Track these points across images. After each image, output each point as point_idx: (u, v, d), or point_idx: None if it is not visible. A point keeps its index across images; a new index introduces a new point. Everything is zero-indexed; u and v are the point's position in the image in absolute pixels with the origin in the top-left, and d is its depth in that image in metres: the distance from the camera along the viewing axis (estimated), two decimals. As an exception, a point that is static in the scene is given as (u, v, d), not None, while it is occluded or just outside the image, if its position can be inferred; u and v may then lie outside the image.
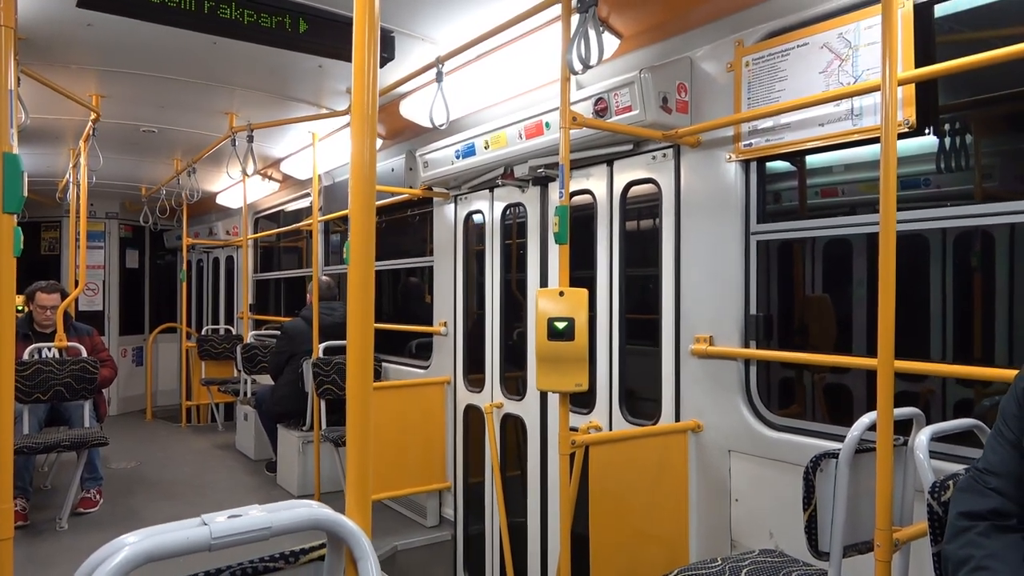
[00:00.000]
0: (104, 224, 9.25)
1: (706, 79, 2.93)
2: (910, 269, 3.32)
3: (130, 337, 9.53)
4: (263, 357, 6.75)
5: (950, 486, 1.69)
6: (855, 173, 3.27)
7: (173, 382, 9.54)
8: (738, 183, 2.81)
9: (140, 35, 3.47)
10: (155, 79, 4.28)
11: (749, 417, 2.78)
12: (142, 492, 5.37)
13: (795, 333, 3.29)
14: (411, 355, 5.38)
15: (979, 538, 1.51)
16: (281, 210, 7.63)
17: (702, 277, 2.95)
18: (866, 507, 1.97)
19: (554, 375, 2.56)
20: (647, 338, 3.26)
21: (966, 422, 1.97)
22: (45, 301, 5.07)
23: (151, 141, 5.85)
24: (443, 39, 3.53)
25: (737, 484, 2.83)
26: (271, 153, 6.18)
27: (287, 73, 4.22)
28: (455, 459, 4.56)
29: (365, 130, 1.34)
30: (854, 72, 2.42)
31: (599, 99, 3.04)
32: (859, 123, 2.42)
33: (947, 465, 2.06)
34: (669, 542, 2.88)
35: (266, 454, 6.13)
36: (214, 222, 9.00)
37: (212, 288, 9.52)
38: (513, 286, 4.22)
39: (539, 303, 2.59)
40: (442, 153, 4.14)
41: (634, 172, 3.26)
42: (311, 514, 1.06)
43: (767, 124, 2.70)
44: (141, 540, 0.95)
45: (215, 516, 1.03)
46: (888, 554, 1.84)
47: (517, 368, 4.13)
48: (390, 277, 6.06)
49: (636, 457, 2.83)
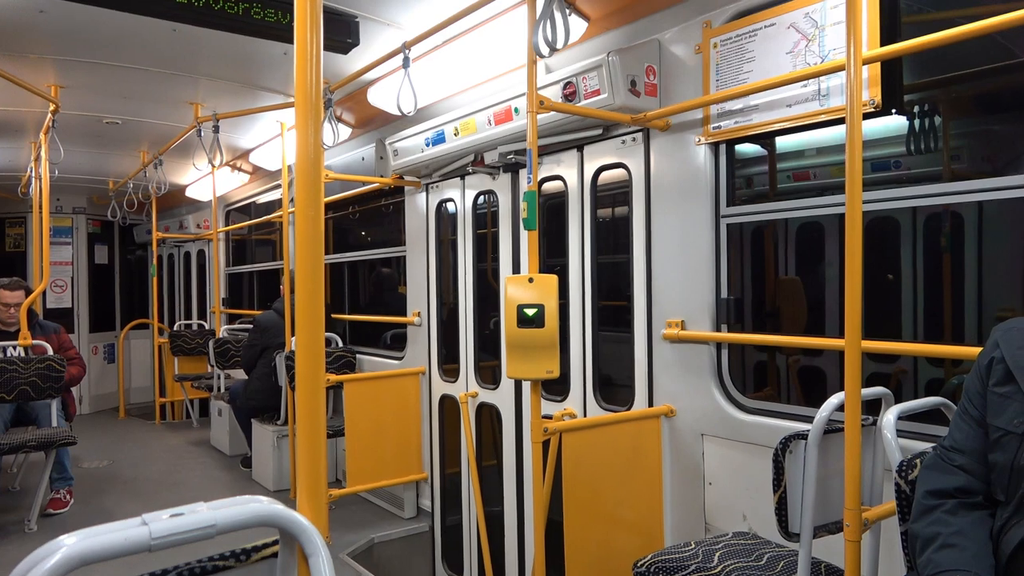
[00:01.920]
0: (71, 219, 9.05)
1: (674, 61, 2.90)
2: (881, 250, 3.34)
3: (101, 334, 9.36)
4: (236, 351, 6.66)
5: (917, 464, 1.69)
6: (826, 156, 3.26)
7: (146, 379, 9.40)
8: (708, 166, 2.80)
9: (96, 22, 3.36)
10: (116, 68, 4.17)
11: (721, 401, 2.78)
12: (114, 491, 5.29)
13: (766, 316, 3.30)
14: (386, 346, 5.33)
15: (946, 516, 1.51)
16: (252, 202, 7.51)
17: (673, 261, 2.93)
18: (836, 487, 1.97)
19: (525, 362, 2.53)
20: (620, 324, 3.24)
21: (933, 400, 1.97)
22: (8, 298, 4.95)
23: (115, 133, 5.72)
24: (409, 24, 3.47)
25: (710, 468, 2.83)
26: (239, 144, 6.07)
27: (252, 61, 4.13)
28: (431, 450, 4.53)
29: (310, 117, 1.29)
30: (821, 52, 2.40)
31: (567, 83, 3.00)
32: (826, 103, 2.41)
33: (917, 444, 2.06)
34: (643, 527, 2.88)
35: (241, 449, 6.06)
36: (184, 215, 8.85)
37: (184, 283, 9.37)
38: (488, 275, 4.18)
39: (508, 290, 2.56)
40: (412, 141, 4.08)
41: (604, 157, 3.23)
42: (260, 510, 1.02)
43: (736, 106, 2.68)
44: (78, 542, 0.91)
45: (159, 515, 0.99)
46: (857, 534, 1.84)
47: (492, 357, 4.10)
48: (364, 268, 5.99)
49: (610, 443, 2.82)
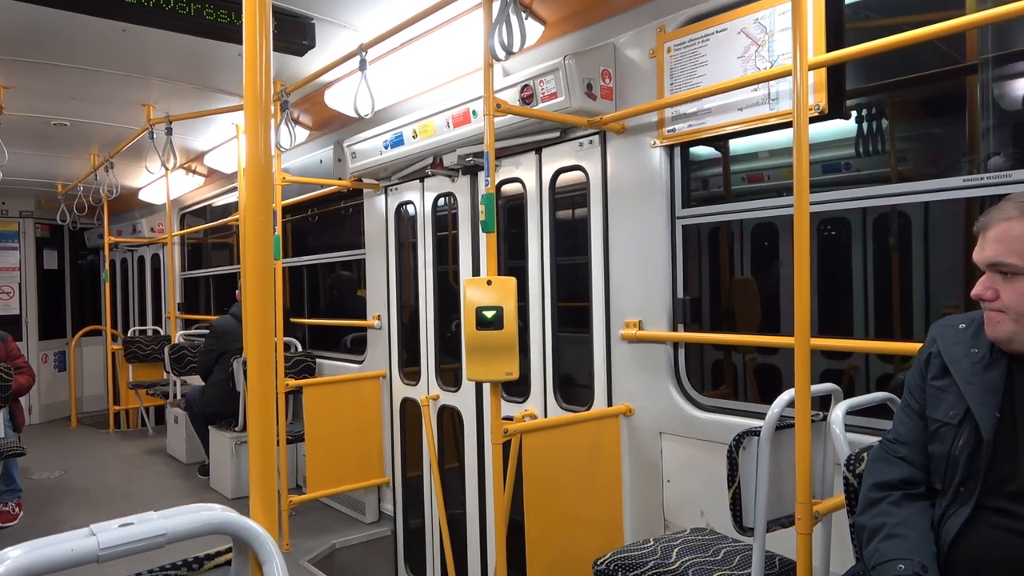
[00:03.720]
0: (18, 223, 8.77)
1: (630, 65, 2.94)
2: (834, 250, 3.43)
3: (51, 341, 9.08)
4: (192, 357, 6.53)
5: (864, 458, 1.74)
6: (779, 159, 3.34)
7: (99, 387, 9.15)
8: (663, 168, 2.84)
9: (43, 21, 3.27)
10: (63, 69, 4.06)
11: (679, 399, 2.82)
12: (67, 503, 5.15)
13: (722, 315, 3.36)
14: (346, 350, 5.29)
15: (890, 507, 1.56)
16: (208, 205, 7.38)
17: (630, 262, 2.97)
18: (788, 482, 2.01)
19: (484, 365, 2.54)
20: (579, 325, 3.27)
21: (879, 395, 2.03)
22: (-49, 306, 4.79)
23: (64, 135, 5.56)
24: (365, 26, 3.45)
25: (668, 465, 2.87)
26: (193, 146, 5.96)
27: (206, 62, 4.06)
28: (393, 453, 4.50)
29: (259, 119, 1.28)
30: (770, 57, 2.46)
31: (525, 86, 3.02)
32: (776, 107, 2.47)
33: (864, 438, 2.12)
34: (604, 526, 2.91)
35: (198, 457, 5.94)
36: (138, 219, 8.64)
37: (138, 288, 9.15)
38: (449, 277, 4.18)
39: (467, 292, 2.56)
40: (370, 143, 4.06)
41: (562, 159, 3.26)
42: (211, 517, 1.01)
43: (690, 109, 2.73)
44: (23, 554, 0.89)
45: (108, 525, 0.97)
46: (808, 527, 1.89)
47: (453, 359, 4.10)
48: (324, 271, 5.93)
49: (569, 443, 2.84)
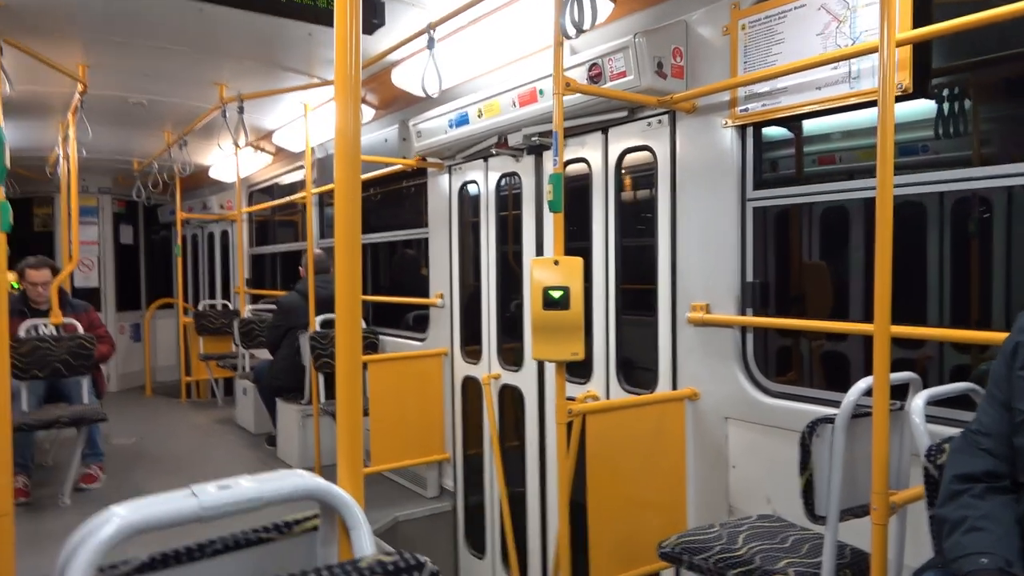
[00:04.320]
0: (97, 199, 9.15)
1: (702, 43, 2.87)
2: (908, 235, 3.31)
3: (127, 313, 9.49)
4: (260, 332, 6.75)
5: (945, 449, 1.69)
6: (853, 140, 3.23)
7: (172, 358, 9.54)
8: (734, 149, 2.78)
9: (124, 1, 3.39)
10: (142, 48, 4.19)
11: (746, 384, 2.78)
12: (143, 467, 5.40)
13: (792, 300, 3.29)
14: (408, 328, 5.37)
15: (973, 500, 1.52)
16: (275, 183, 7.56)
17: (698, 245, 2.92)
18: (862, 471, 1.97)
19: (550, 344, 2.55)
20: (644, 307, 3.25)
21: (961, 386, 1.97)
22: (35, 277, 5.03)
23: (141, 113, 5.76)
24: (434, 4, 3.46)
25: (734, 451, 2.84)
26: (263, 124, 6.10)
27: (276, 41, 4.14)
28: (453, 430, 4.57)
29: (348, 98, 1.31)
30: (852, 34, 2.37)
31: (593, 65, 2.98)
32: (856, 86, 2.38)
33: (943, 429, 2.06)
34: (667, 509, 2.90)
35: (266, 428, 6.15)
36: (208, 196, 8.92)
37: (208, 263, 9.47)
38: (509, 257, 4.19)
39: (534, 272, 2.57)
40: (435, 122, 4.09)
41: (629, 139, 3.22)
42: (302, 483, 1.05)
43: (763, 88, 2.66)
44: (131, 511, 0.94)
45: (205, 487, 1.02)
46: (884, 517, 1.85)
47: (514, 339, 4.12)
48: (386, 250, 6.03)
49: (633, 425, 2.84)
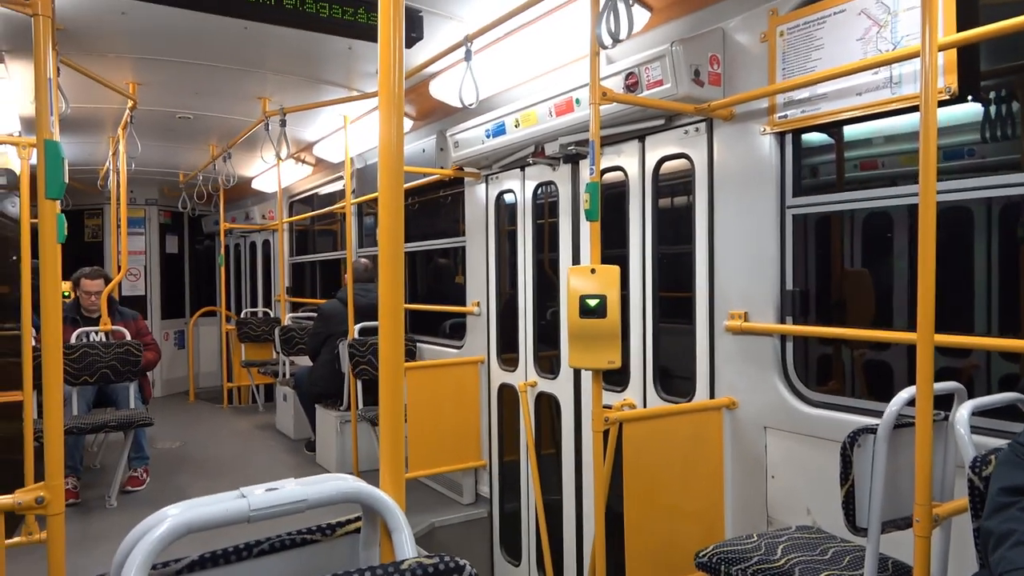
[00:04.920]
0: (144, 210, 9.43)
1: (739, 50, 2.87)
2: (953, 242, 3.24)
3: (172, 321, 9.76)
4: (301, 339, 6.87)
5: (991, 460, 1.65)
6: (895, 145, 3.18)
7: (214, 364, 9.76)
8: (773, 156, 2.76)
9: (173, 22, 3.51)
10: (189, 65, 4.33)
11: (785, 393, 2.75)
12: (187, 471, 5.53)
13: (832, 308, 3.24)
14: (445, 335, 5.42)
15: (1020, 513, 1.48)
16: (315, 193, 7.70)
17: (736, 253, 2.91)
18: (904, 483, 1.94)
19: (587, 352, 2.56)
20: (681, 315, 3.23)
21: (1008, 396, 1.92)
22: (90, 287, 5.22)
23: (187, 127, 5.94)
24: (471, 17, 3.51)
25: (773, 460, 2.81)
26: (304, 137, 6.23)
27: (317, 56, 4.24)
28: (490, 437, 4.60)
29: (392, 111, 1.35)
30: (893, 38, 2.35)
31: (629, 74, 3.00)
32: (898, 91, 2.35)
33: (989, 440, 2.02)
34: (705, 518, 2.88)
35: (305, 434, 6.25)
36: (250, 207, 9.13)
37: (250, 272, 9.68)
38: (546, 265, 4.21)
39: (571, 281, 2.58)
40: (472, 133, 4.14)
41: (666, 147, 3.22)
42: (346, 487, 1.08)
43: (803, 95, 2.64)
44: (183, 512, 0.99)
45: (253, 489, 1.06)
46: (928, 530, 1.81)
47: (550, 347, 4.14)
48: (423, 258, 6.09)
49: (670, 434, 2.83)
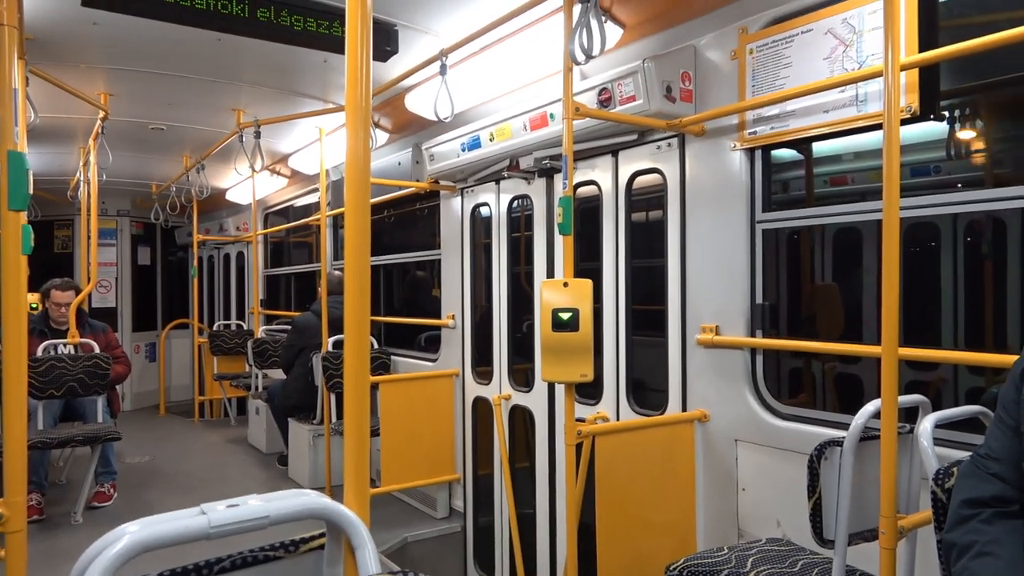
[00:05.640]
0: (116, 221, 9.31)
1: (710, 67, 2.91)
2: (921, 256, 3.30)
3: (143, 333, 9.61)
4: (274, 351, 6.80)
5: (954, 473, 1.68)
6: (865, 161, 3.24)
7: (186, 377, 9.62)
8: (743, 171, 2.80)
9: (145, 33, 3.48)
10: (162, 76, 4.30)
11: (756, 406, 2.77)
12: (156, 486, 5.43)
13: (802, 322, 3.28)
14: (420, 348, 5.40)
15: (982, 525, 1.50)
16: (290, 205, 7.66)
17: (708, 267, 2.94)
18: (871, 495, 1.96)
19: (559, 366, 2.56)
20: (654, 329, 3.25)
21: (970, 409, 1.96)
22: (60, 299, 5.12)
23: (160, 138, 5.89)
24: (446, 32, 3.53)
25: (744, 473, 2.82)
26: (279, 148, 6.20)
27: (293, 68, 4.23)
28: (464, 451, 4.58)
29: (359, 124, 1.35)
30: (858, 58, 2.40)
31: (603, 89, 3.03)
32: (863, 109, 2.40)
33: (954, 452, 2.05)
34: (676, 531, 2.89)
35: (278, 448, 6.18)
36: (224, 218, 9.05)
37: (223, 284, 9.58)
38: (521, 278, 4.22)
39: (543, 294, 2.59)
40: (448, 146, 4.14)
41: (639, 162, 3.25)
42: (310, 503, 1.07)
43: (772, 112, 2.69)
44: (141, 529, 0.97)
45: (214, 505, 1.04)
46: (893, 541, 1.84)
47: (525, 360, 4.14)
48: (401, 271, 6.08)
49: (643, 447, 2.83)
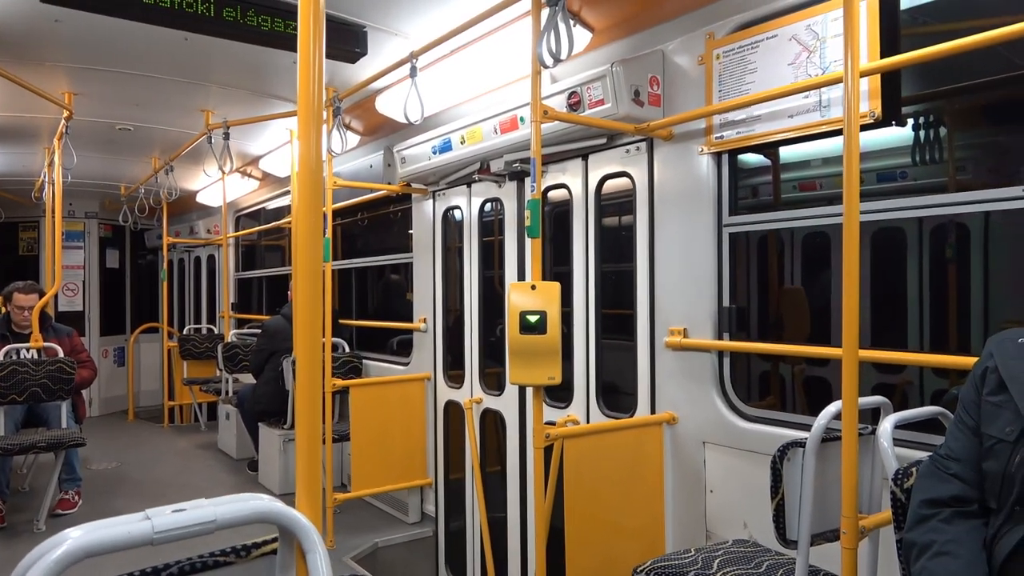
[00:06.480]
0: (84, 224, 9.14)
1: (678, 72, 2.93)
2: (888, 260, 3.35)
3: (111, 337, 9.44)
4: (245, 356, 6.71)
5: (913, 473, 1.70)
6: (832, 167, 3.28)
7: (155, 382, 9.45)
8: (710, 175, 2.82)
9: (110, 31, 3.43)
10: (128, 76, 4.23)
11: (723, 408, 2.79)
12: (123, 493, 5.33)
13: (770, 325, 3.31)
14: (392, 352, 5.37)
15: (941, 524, 1.52)
16: (262, 208, 7.58)
17: (676, 270, 2.95)
18: (833, 496, 1.98)
19: (527, 369, 2.55)
20: (624, 332, 3.26)
21: (930, 409, 1.98)
22: (23, 302, 5.01)
23: (127, 139, 5.79)
24: (416, 34, 3.51)
25: (712, 475, 2.84)
26: (249, 150, 6.13)
27: (262, 69, 4.19)
28: (436, 455, 4.55)
29: (311, 127, 1.32)
30: (821, 64, 2.42)
31: (572, 93, 3.03)
32: (827, 114, 2.43)
33: (914, 452, 2.07)
34: (644, 534, 2.89)
35: (248, 453, 6.10)
36: (195, 221, 8.92)
37: (194, 287, 9.44)
38: (494, 282, 4.21)
39: (511, 297, 2.58)
40: (419, 149, 4.13)
41: (608, 166, 3.26)
42: (258, 507, 1.05)
43: (738, 116, 2.71)
44: (83, 535, 0.94)
45: (162, 510, 1.02)
46: (854, 541, 1.85)
47: (497, 364, 4.13)
48: (375, 274, 6.04)
49: (612, 450, 2.84)
